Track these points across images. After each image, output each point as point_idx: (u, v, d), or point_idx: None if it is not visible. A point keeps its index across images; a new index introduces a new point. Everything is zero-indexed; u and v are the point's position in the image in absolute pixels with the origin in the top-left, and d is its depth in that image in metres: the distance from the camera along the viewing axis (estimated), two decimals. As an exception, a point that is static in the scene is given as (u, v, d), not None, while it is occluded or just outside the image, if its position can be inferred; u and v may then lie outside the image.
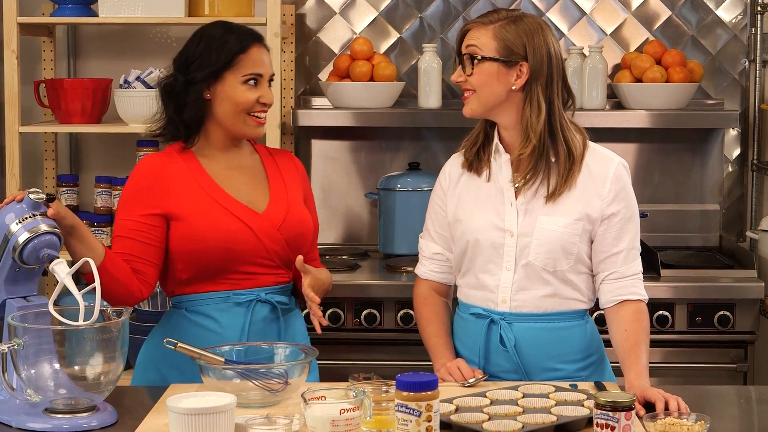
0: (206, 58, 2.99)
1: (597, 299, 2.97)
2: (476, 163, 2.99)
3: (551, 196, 2.90)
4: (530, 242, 2.90)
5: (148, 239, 2.95)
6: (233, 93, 2.98)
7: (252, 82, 2.99)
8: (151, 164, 3.03)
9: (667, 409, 2.60)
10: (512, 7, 4.47)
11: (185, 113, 3.02)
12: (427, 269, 3.09)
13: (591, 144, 2.99)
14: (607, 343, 2.97)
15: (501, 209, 2.93)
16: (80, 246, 2.78)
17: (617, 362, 2.90)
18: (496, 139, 2.97)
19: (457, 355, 3.00)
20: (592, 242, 2.93)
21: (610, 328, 2.92)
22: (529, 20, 2.92)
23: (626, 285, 2.92)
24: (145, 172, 3.01)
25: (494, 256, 2.93)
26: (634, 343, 2.86)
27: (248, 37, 3.02)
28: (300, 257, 2.94)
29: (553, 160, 2.91)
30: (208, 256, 2.94)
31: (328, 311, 3.91)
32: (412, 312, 3.78)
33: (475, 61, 2.88)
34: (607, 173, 2.93)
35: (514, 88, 2.90)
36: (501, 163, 2.96)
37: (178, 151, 3.05)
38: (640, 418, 2.51)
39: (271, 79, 3.05)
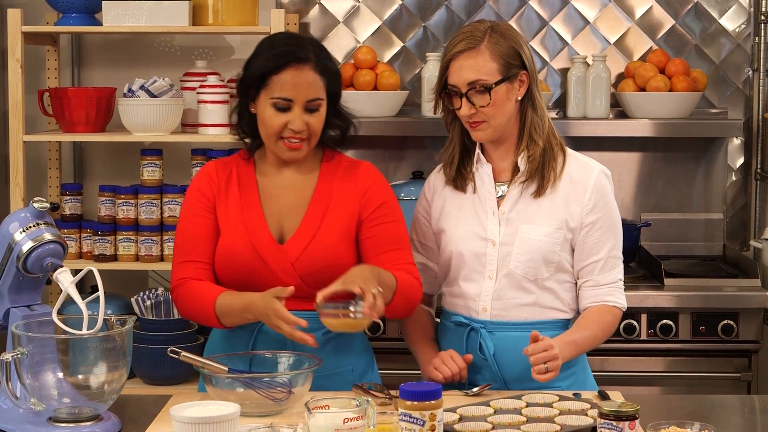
0: (248, 70, 2.89)
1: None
2: (459, 180, 3.00)
3: (539, 191, 2.91)
4: (511, 251, 2.91)
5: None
6: (263, 114, 2.86)
7: (279, 106, 2.84)
8: (206, 171, 2.98)
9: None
10: (515, 16, 4.47)
11: (240, 121, 2.96)
12: None
13: (570, 151, 2.99)
14: (588, 353, 2.98)
15: (483, 219, 2.95)
16: None
17: (599, 371, 2.89)
18: (477, 150, 2.97)
19: None
20: (573, 250, 2.94)
21: None
22: (503, 25, 2.93)
23: (601, 293, 2.94)
24: (202, 178, 2.97)
25: (477, 265, 2.94)
26: (582, 326, 2.89)
27: (286, 57, 2.83)
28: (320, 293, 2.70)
29: (552, 157, 2.93)
30: (230, 279, 2.91)
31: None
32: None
33: (491, 91, 2.86)
34: (587, 182, 2.93)
35: (518, 98, 2.91)
36: (483, 174, 2.97)
37: (243, 159, 2.99)
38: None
39: (312, 105, 2.85)
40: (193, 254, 2.91)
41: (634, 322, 3.91)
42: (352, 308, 2.67)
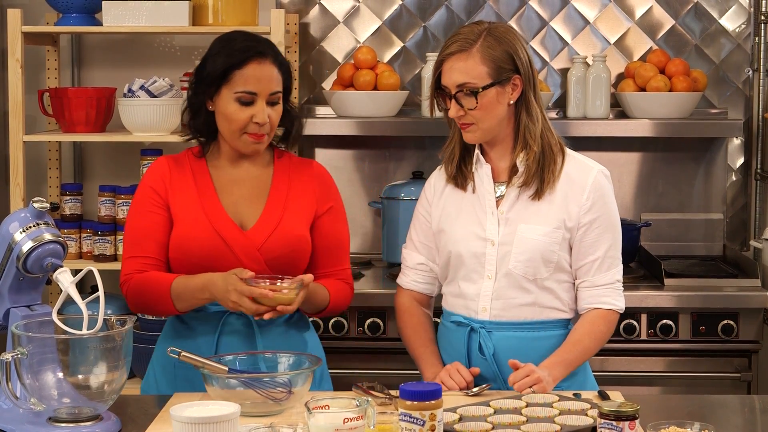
0: (206, 68, 2.93)
1: None
2: (460, 178, 3.01)
3: (537, 194, 2.91)
4: (510, 251, 2.91)
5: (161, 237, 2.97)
6: (226, 109, 2.90)
7: (244, 100, 2.89)
8: (159, 167, 3.01)
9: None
10: (515, 16, 4.48)
11: (195, 121, 2.99)
12: (409, 279, 3.10)
13: (570, 152, 2.99)
14: None
15: (483, 219, 2.95)
16: None
17: (599, 371, 2.89)
18: (476, 151, 2.97)
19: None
20: (571, 250, 2.94)
21: None
22: (501, 28, 2.91)
23: (597, 294, 2.93)
24: (154, 174, 3.00)
25: (476, 265, 2.94)
26: (573, 340, 2.90)
27: (248, 52, 2.89)
28: (309, 276, 2.83)
29: (551, 160, 2.92)
30: (188, 267, 2.92)
31: (332, 320, 3.91)
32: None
33: (477, 95, 2.86)
34: (586, 181, 2.93)
35: (511, 102, 2.90)
36: (482, 174, 2.97)
37: (194, 155, 3.03)
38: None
39: (273, 99, 2.92)
40: (142, 250, 2.94)
41: (634, 322, 3.91)
42: (278, 283, 2.81)
